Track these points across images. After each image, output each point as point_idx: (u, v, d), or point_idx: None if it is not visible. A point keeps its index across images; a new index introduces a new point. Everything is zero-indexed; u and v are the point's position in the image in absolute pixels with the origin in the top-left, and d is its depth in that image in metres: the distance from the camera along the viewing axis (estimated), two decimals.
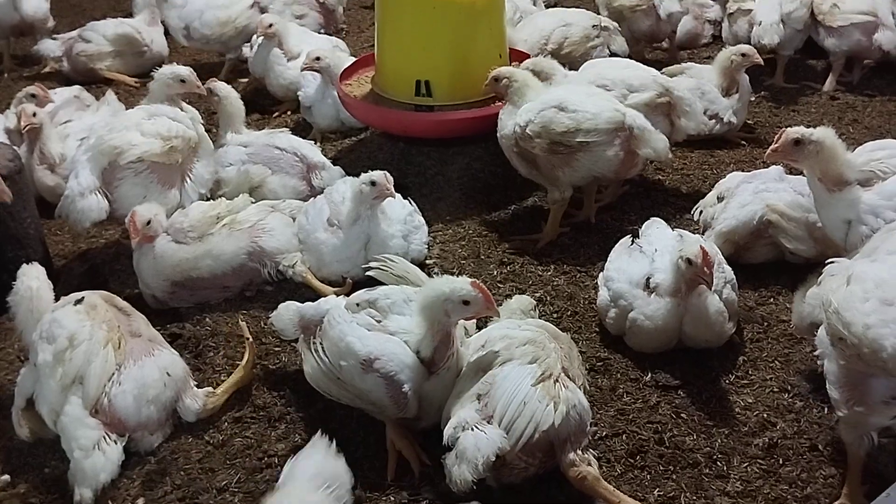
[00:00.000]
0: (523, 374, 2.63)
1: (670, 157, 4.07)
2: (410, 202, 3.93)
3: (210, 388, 3.12)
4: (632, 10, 5.88)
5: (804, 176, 3.45)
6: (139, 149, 3.83)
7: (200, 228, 3.69)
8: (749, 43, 5.35)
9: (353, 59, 5.24)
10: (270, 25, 5.40)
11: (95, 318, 2.97)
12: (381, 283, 3.06)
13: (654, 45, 6.29)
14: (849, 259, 3.01)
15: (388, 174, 3.59)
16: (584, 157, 3.86)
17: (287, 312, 3.17)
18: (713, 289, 3.22)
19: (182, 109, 4.20)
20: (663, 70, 5.24)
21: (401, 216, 3.79)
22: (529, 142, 3.87)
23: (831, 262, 2.98)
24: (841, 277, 2.70)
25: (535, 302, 3.26)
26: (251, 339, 3.28)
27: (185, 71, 4.22)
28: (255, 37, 5.68)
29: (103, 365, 2.87)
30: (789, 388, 3.15)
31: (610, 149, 3.86)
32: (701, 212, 4.03)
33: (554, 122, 3.83)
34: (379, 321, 2.86)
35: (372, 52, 5.04)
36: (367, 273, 3.13)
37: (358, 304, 2.92)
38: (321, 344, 2.93)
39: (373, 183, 3.56)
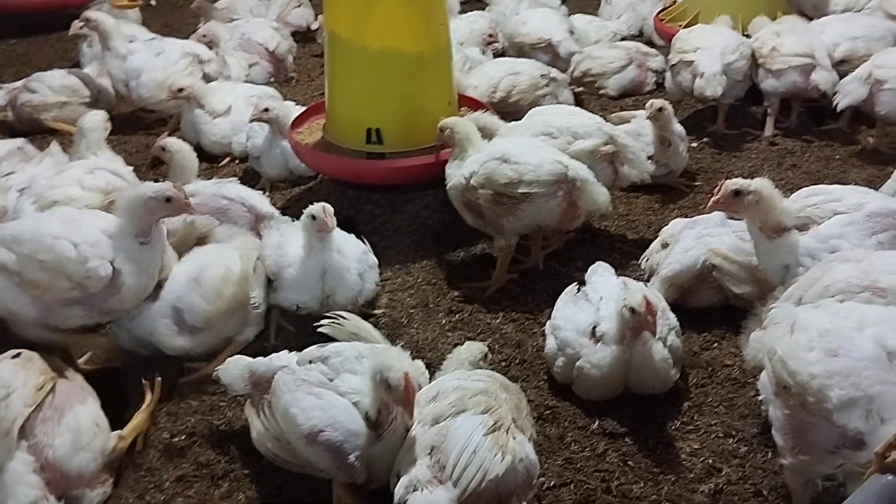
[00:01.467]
0: (475, 424, 2.62)
1: (611, 209, 4.14)
2: (364, 241, 3.92)
3: (119, 432, 3.04)
4: (532, 46, 6.21)
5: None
6: (79, 203, 3.80)
7: None
8: (692, 93, 5.50)
9: (303, 108, 5.26)
10: (181, 90, 5.44)
11: (31, 370, 2.94)
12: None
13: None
14: (779, 296, 3.10)
15: (327, 206, 3.61)
16: (528, 208, 3.90)
17: (236, 367, 3.12)
18: (658, 336, 3.27)
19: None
20: (612, 115, 5.38)
21: (356, 254, 3.79)
22: (474, 192, 3.92)
23: (774, 308, 3.05)
24: (785, 325, 2.76)
25: (485, 350, 3.26)
26: (148, 384, 3.25)
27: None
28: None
29: (31, 394, 2.85)
30: (734, 433, 3.18)
31: (552, 200, 3.91)
32: (647, 259, 4.09)
33: (497, 174, 3.88)
34: (331, 379, 2.83)
35: (323, 101, 5.07)
36: (319, 330, 3.10)
37: (311, 361, 2.89)
38: (268, 407, 2.89)
39: (313, 217, 3.59)
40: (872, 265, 2.95)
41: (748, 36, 5.93)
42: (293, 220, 3.95)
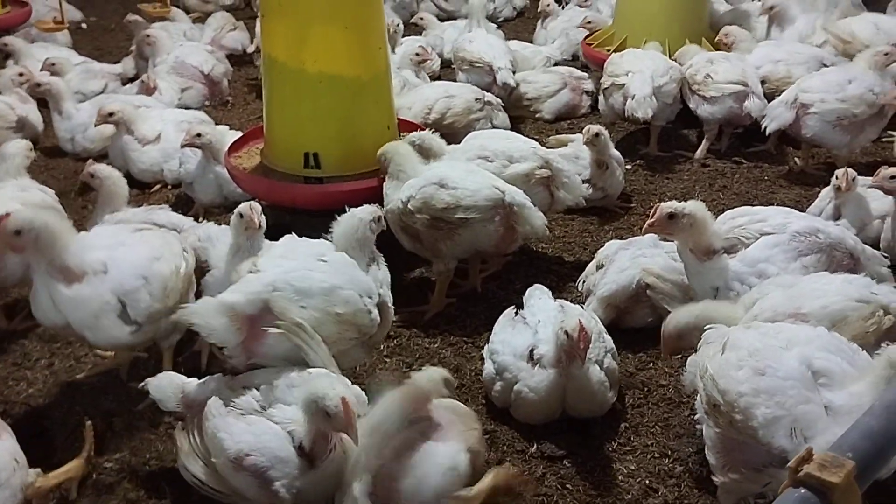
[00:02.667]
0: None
1: (547, 233, 4.18)
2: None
3: (38, 470, 2.90)
4: (471, 64, 6.37)
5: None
6: None
7: None
8: (624, 115, 5.61)
9: (237, 132, 5.20)
10: (111, 114, 5.34)
11: None
12: None
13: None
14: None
15: (254, 204, 3.58)
16: (465, 232, 3.92)
17: (170, 384, 3.03)
18: (594, 359, 3.31)
19: None
20: (550, 139, 5.45)
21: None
22: (411, 217, 3.92)
23: (710, 328, 3.11)
24: (717, 344, 2.81)
25: (446, 376, 3.01)
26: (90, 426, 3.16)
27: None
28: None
29: None
30: (670, 452, 3.22)
31: (490, 224, 3.93)
32: (584, 282, 4.14)
33: (434, 199, 3.89)
34: (264, 407, 2.79)
35: (262, 125, 5.02)
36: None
37: (244, 388, 2.84)
38: (198, 431, 2.83)
39: (240, 215, 3.55)
40: (800, 291, 3.03)
41: (674, 61, 6.07)
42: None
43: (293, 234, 3.52)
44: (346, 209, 3.49)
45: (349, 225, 3.33)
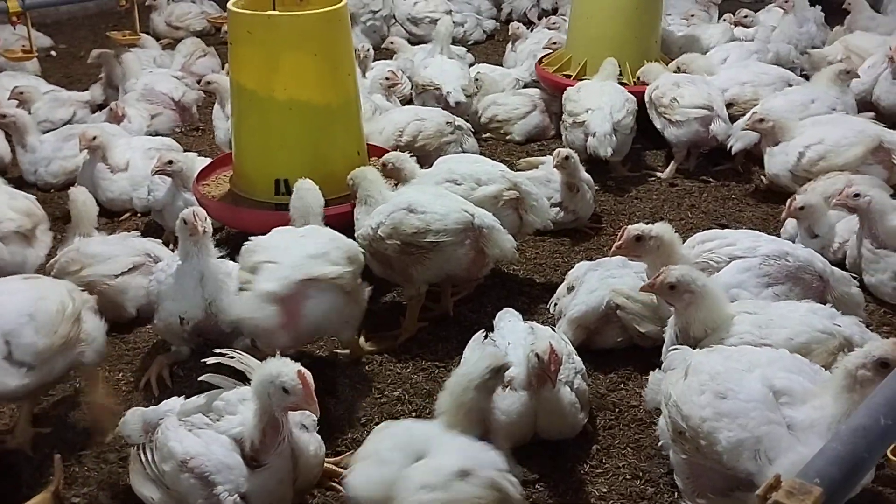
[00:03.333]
0: None
1: (517, 256, 4.20)
2: None
3: None
4: (423, 87, 6.47)
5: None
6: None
7: None
8: (585, 151, 5.58)
9: (207, 159, 5.19)
10: (94, 138, 5.31)
11: None
12: None
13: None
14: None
15: (198, 210, 3.66)
16: (436, 257, 3.92)
17: (133, 419, 3.06)
18: (565, 380, 3.33)
19: None
20: (520, 161, 5.49)
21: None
22: (382, 243, 3.92)
23: (674, 350, 3.15)
24: (680, 370, 2.84)
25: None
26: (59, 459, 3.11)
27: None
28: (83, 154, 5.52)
29: None
30: (641, 474, 3.24)
31: (460, 248, 3.94)
32: (555, 304, 4.16)
33: (404, 224, 3.89)
34: (217, 419, 2.85)
35: (230, 153, 5.03)
36: (208, 362, 3.01)
37: (196, 406, 2.88)
38: (151, 449, 2.89)
39: (184, 221, 3.63)
40: (767, 321, 3.08)
41: (636, 80, 6.14)
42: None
43: None
44: None
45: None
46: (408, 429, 2.88)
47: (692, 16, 7.65)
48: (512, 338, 3.51)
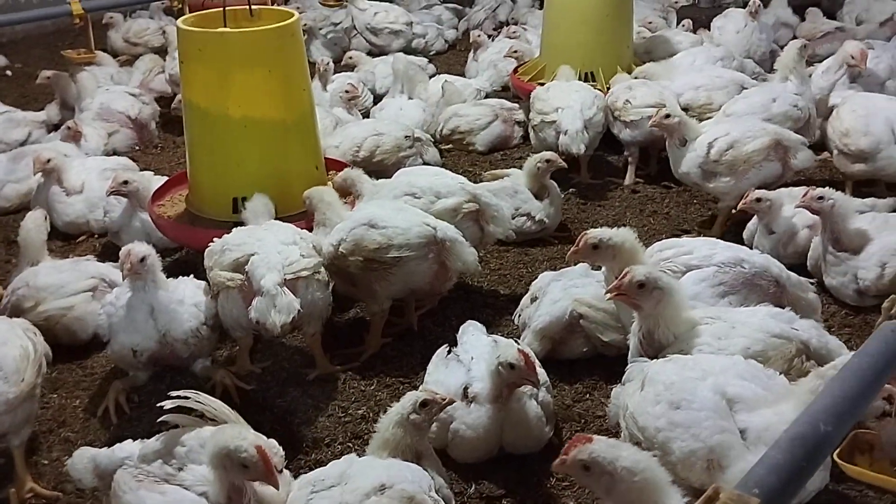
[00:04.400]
0: None
1: (479, 269, 4.16)
2: None
3: None
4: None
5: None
6: None
7: None
8: (556, 149, 5.62)
9: (163, 178, 5.12)
10: (49, 161, 5.19)
11: None
12: None
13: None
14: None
15: (135, 248, 3.56)
16: (399, 272, 3.87)
17: (81, 460, 2.92)
18: (530, 393, 3.30)
19: None
20: (486, 173, 5.47)
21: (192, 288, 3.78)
22: (344, 260, 3.86)
23: (635, 362, 3.13)
24: (637, 382, 2.83)
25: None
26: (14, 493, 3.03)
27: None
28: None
29: None
30: None
31: (423, 262, 3.89)
32: (519, 315, 4.14)
33: (366, 240, 3.84)
34: (179, 469, 2.71)
35: (185, 171, 4.96)
36: (165, 406, 2.93)
37: (155, 452, 2.76)
38: None
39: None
40: (725, 331, 3.07)
41: (609, 88, 6.16)
42: None
43: None
44: None
45: None
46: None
47: (650, 22, 7.70)
48: (475, 352, 3.48)
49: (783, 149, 4.86)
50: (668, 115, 4.97)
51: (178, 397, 2.85)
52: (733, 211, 4.82)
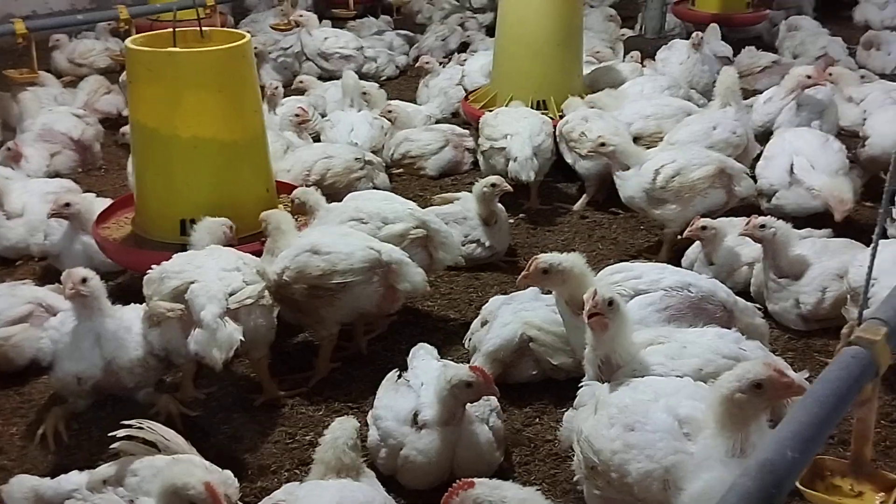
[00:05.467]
0: None
1: (428, 289, 4.15)
2: None
3: None
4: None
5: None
6: None
7: None
8: (506, 175, 5.66)
9: (106, 200, 5.02)
10: None
11: None
12: None
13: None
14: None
15: (75, 272, 3.48)
16: (346, 297, 3.84)
17: (20, 488, 2.82)
18: (481, 417, 3.30)
19: None
20: (435, 197, 5.47)
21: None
22: (289, 288, 3.80)
23: (585, 385, 3.14)
24: (590, 406, 2.84)
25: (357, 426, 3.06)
26: None
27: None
28: None
29: None
30: None
31: (369, 286, 3.87)
32: (470, 339, 4.14)
33: (309, 267, 3.79)
34: (131, 501, 2.63)
35: (131, 194, 4.87)
36: (117, 435, 2.86)
37: (105, 482, 2.67)
38: None
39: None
40: (678, 351, 3.11)
41: (562, 115, 6.24)
42: None
43: None
44: None
45: None
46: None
47: (598, 52, 7.84)
48: (425, 377, 3.46)
49: (727, 177, 4.97)
50: (602, 144, 5.06)
51: (130, 426, 2.78)
52: (679, 237, 4.90)
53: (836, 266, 4.24)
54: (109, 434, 2.82)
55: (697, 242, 4.70)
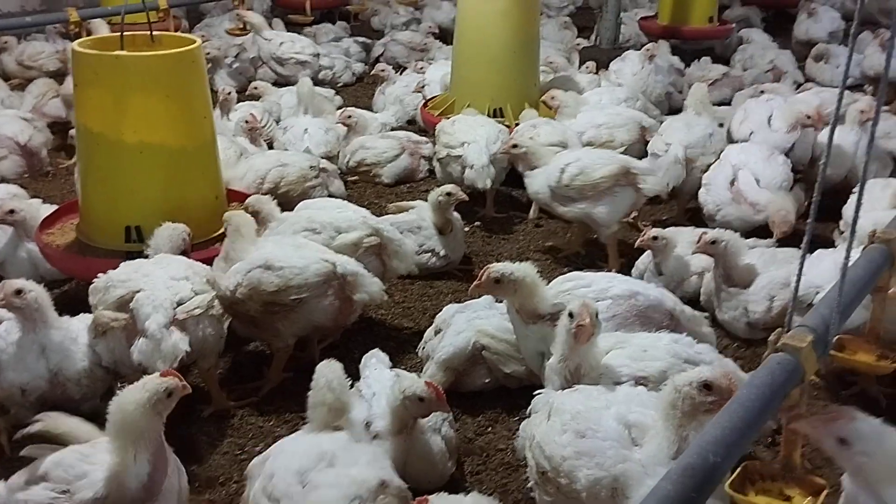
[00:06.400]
0: None
1: (385, 298, 4.11)
2: None
3: None
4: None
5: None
6: None
7: None
8: (462, 182, 5.67)
9: (52, 206, 4.90)
10: None
11: None
12: None
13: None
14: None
15: (8, 284, 3.41)
16: (301, 311, 3.78)
17: None
18: (433, 427, 3.28)
19: None
20: (390, 206, 5.45)
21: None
22: (243, 305, 3.73)
23: (538, 393, 3.15)
24: (544, 412, 2.85)
25: None
26: None
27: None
28: None
29: None
30: None
31: (325, 299, 3.81)
32: (423, 347, 4.12)
33: (263, 283, 3.71)
34: (64, 492, 2.61)
35: (76, 199, 4.76)
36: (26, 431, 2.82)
37: (27, 483, 2.61)
38: None
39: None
40: (640, 352, 3.12)
41: (518, 124, 6.26)
42: None
43: None
44: None
45: None
46: None
47: (551, 62, 7.89)
48: (377, 387, 3.44)
49: (632, 175, 5.01)
50: (515, 146, 5.12)
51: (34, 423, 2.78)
52: (635, 245, 4.90)
53: (784, 275, 4.31)
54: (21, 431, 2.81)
55: (648, 252, 4.75)
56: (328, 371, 3.13)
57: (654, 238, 4.59)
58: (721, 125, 6.21)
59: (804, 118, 5.67)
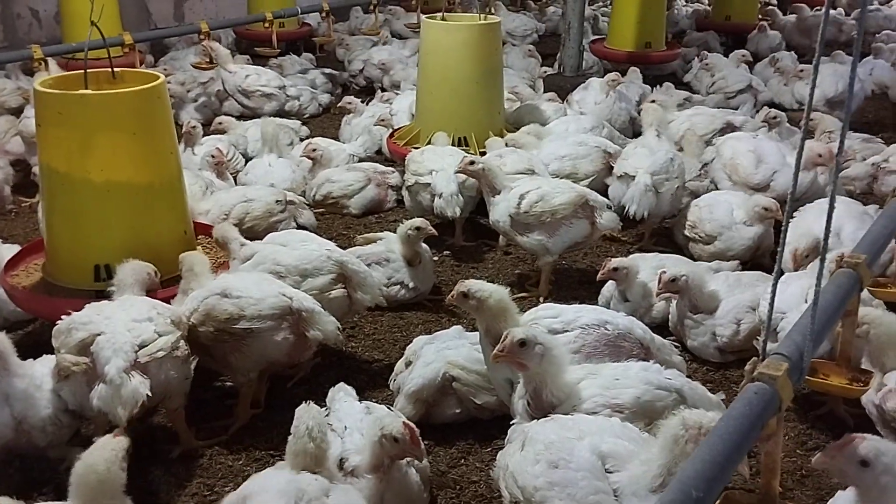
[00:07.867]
0: None
1: (341, 338, 4.05)
2: None
3: None
4: None
5: None
6: None
7: None
8: (432, 211, 5.71)
9: (14, 246, 4.83)
10: None
11: None
12: None
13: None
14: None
15: None
16: (254, 343, 3.76)
17: None
18: (408, 460, 3.24)
19: None
20: (359, 237, 5.44)
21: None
22: (195, 330, 3.72)
23: (513, 424, 3.15)
24: (518, 442, 2.85)
25: None
26: None
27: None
28: None
29: None
30: None
31: (278, 333, 3.79)
32: (394, 380, 4.10)
33: (216, 309, 3.72)
34: None
35: (41, 239, 4.71)
36: None
37: None
38: None
39: None
40: (612, 381, 3.14)
41: (483, 153, 6.31)
42: None
43: None
44: None
45: None
46: None
47: (517, 90, 7.97)
48: (349, 421, 3.40)
49: (590, 208, 5.07)
50: (472, 163, 5.17)
51: None
52: (597, 278, 4.92)
53: (750, 298, 4.38)
54: None
55: (610, 283, 4.79)
56: (308, 418, 3.03)
57: (615, 269, 4.63)
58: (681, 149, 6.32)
59: (815, 157, 5.69)
